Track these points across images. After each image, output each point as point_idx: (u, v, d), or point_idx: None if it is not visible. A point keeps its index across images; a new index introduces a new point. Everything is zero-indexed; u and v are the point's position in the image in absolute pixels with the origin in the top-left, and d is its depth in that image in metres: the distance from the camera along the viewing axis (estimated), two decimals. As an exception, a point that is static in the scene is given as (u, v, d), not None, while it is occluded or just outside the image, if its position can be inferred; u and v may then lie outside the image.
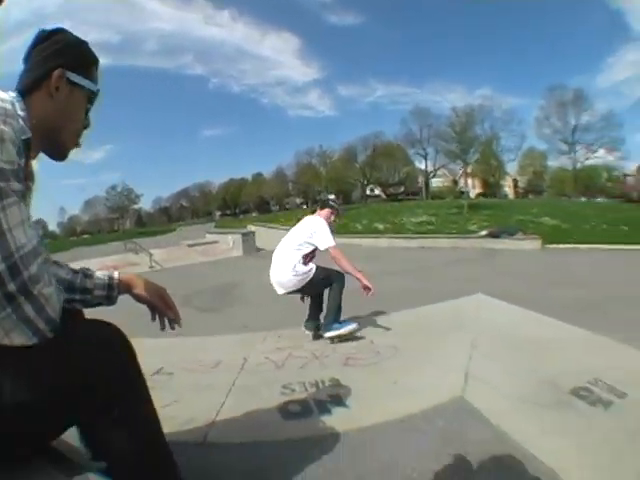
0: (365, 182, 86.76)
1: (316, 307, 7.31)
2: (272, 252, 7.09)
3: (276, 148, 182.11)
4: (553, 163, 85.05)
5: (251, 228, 32.75)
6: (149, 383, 2.09)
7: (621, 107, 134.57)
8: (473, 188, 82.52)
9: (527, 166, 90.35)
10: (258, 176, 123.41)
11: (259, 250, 26.13)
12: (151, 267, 22.22)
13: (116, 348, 1.89)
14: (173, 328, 2.36)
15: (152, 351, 5.66)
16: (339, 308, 6.88)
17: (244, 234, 26.90)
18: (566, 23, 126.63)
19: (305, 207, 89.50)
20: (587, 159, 76.76)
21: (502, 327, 7.04)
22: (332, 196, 15.88)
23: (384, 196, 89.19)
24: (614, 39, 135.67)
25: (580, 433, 3.73)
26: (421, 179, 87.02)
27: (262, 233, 30.32)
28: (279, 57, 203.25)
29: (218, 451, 3.36)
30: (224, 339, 7.22)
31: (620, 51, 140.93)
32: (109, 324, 1.94)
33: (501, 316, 7.79)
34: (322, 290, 7.03)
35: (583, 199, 68.81)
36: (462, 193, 58.56)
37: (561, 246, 23.12)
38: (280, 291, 6.94)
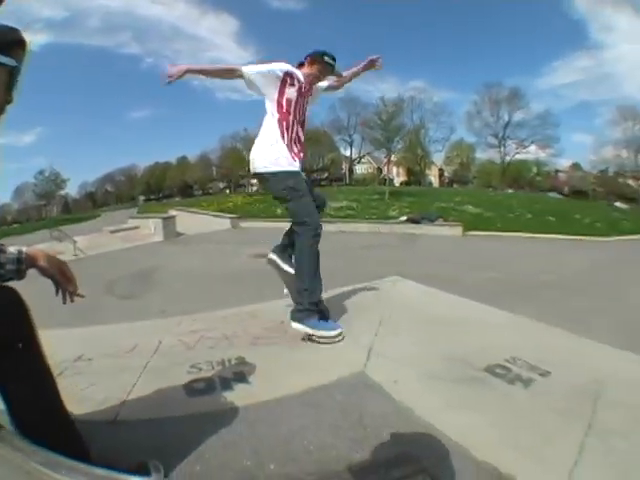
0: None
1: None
2: (192, 237, 6.97)
3: (203, 131, 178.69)
4: (481, 155, 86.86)
5: (172, 213, 32.25)
6: (71, 370, 2.27)
7: (561, 108, 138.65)
8: (398, 176, 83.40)
9: (454, 157, 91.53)
10: (183, 160, 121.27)
11: (179, 235, 25.80)
12: (75, 255, 21.59)
13: (9, 304, 2.10)
14: (72, 300, 2.41)
15: (75, 339, 5.92)
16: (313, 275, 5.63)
17: (165, 219, 26.37)
18: (514, 25, 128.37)
19: (228, 192, 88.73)
20: (517, 153, 78.61)
21: (415, 307, 7.15)
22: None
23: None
24: (566, 45, 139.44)
25: (494, 410, 3.82)
26: (345, 165, 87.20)
27: (183, 218, 29.88)
28: (215, 39, 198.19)
29: (127, 429, 3.40)
30: (142, 325, 7.11)
31: (570, 57, 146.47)
32: (6, 286, 2.13)
33: (416, 297, 7.88)
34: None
35: (510, 191, 70.28)
36: (386, 180, 58.94)
37: (482, 233, 23.69)
38: None
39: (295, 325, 5.50)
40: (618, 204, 60.89)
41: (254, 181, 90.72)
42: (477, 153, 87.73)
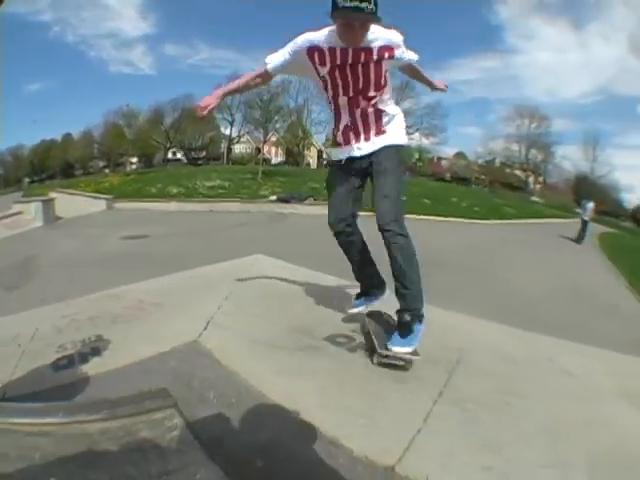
0: (168, 145, 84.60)
1: None
2: (70, 220, 6.72)
3: (93, 106, 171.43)
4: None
5: (52, 195, 30.84)
6: None
7: (456, 102, 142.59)
8: (276, 156, 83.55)
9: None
10: (67, 137, 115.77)
11: (59, 219, 24.74)
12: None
13: None
14: None
15: None
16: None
17: (44, 202, 25.17)
18: (427, 20, 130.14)
19: (107, 171, 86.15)
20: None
21: (270, 282, 7.27)
22: None
23: (185, 160, 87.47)
24: (475, 46, 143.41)
25: (326, 376, 3.92)
26: (224, 144, 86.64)
27: (63, 200, 28.72)
28: (122, 8, 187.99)
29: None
30: (23, 315, 7.02)
31: (474, 57, 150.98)
32: None
33: (273, 273, 7.92)
34: None
35: (391, 175, 71.85)
36: (264, 161, 58.94)
37: (355, 212, 23.34)
38: None
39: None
40: (535, 198, 63.94)
41: (133, 160, 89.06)
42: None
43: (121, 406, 2.93)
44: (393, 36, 3.87)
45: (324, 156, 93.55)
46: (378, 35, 3.75)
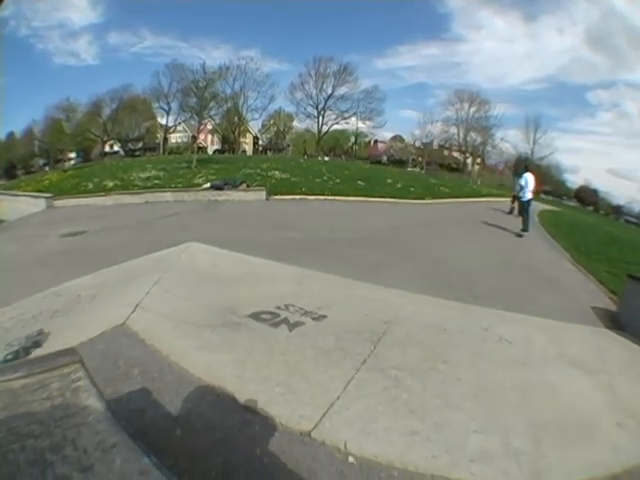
0: (105, 138, 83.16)
1: None
2: (14, 222, 6.71)
3: (38, 102, 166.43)
4: (299, 125, 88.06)
5: None
6: None
7: (395, 87, 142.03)
8: (212, 144, 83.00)
9: (271, 125, 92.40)
10: (10, 136, 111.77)
11: (1, 222, 24.03)
12: None
13: None
14: None
15: None
16: None
17: None
18: (370, 7, 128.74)
19: (47, 168, 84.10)
20: (336, 124, 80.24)
21: (200, 268, 7.46)
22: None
23: (123, 153, 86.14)
24: (419, 34, 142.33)
25: (246, 350, 3.98)
26: (161, 134, 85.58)
27: (6, 202, 28.03)
28: None
29: None
30: None
31: (418, 44, 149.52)
32: None
33: (204, 259, 8.16)
34: None
35: (326, 158, 71.83)
36: (200, 149, 58.32)
37: (287, 197, 23.47)
38: None
39: None
40: (477, 182, 64.87)
41: (72, 155, 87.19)
42: (295, 122, 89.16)
43: (37, 364, 2.98)
44: None
45: (260, 142, 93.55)
46: None
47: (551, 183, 70.07)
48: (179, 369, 3.66)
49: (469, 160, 78.63)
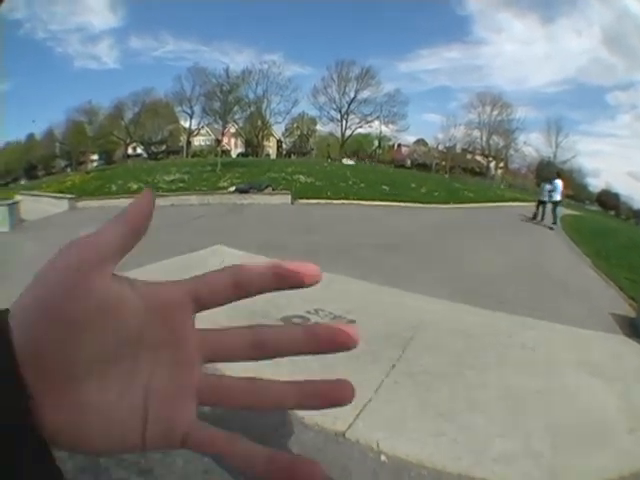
0: (128, 140, 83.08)
1: None
2: (37, 223, 6.73)
3: (58, 105, 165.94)
4: (323, 128, 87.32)
5: (18, 198, 30.16)
6: None
7: (417, 90, 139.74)
8: (236, 147, 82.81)
9: (294, 129, 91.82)
10: (30, 137, 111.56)
11: (23, 222, 24.14)
12: None
13: None
14: None
15: None
16: None
17: (9, 206, 24.53)
18: (390, 10, 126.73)
19: (69, 170, 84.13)
20: (359, 127, 79.71)
21: None
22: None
23: (146, 155, 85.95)
24: (440, 37, 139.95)
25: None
26: (184, 137, 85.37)
27: (28, 203, 28.04)
28: (93, 1, 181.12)
29: None
30: None
31: (441, 47, 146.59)
32: None
33: (231, 262, 7.70)
34: None
35: (349, 162, 71.27)
36: (224, 152, 58.33)
37: (312, 201, 23.40)
38: None
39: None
40: (501, 186, 64.30)
41: (94, 157, 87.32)
42: (318, 126, 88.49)
43: None
44: None
45: (284, 146, 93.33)
46: None
47: (573, 187, 68.98)
48: (215, 370, 3.59)
49: (492, 164, 77.96)
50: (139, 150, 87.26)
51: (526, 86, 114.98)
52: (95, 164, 77.25)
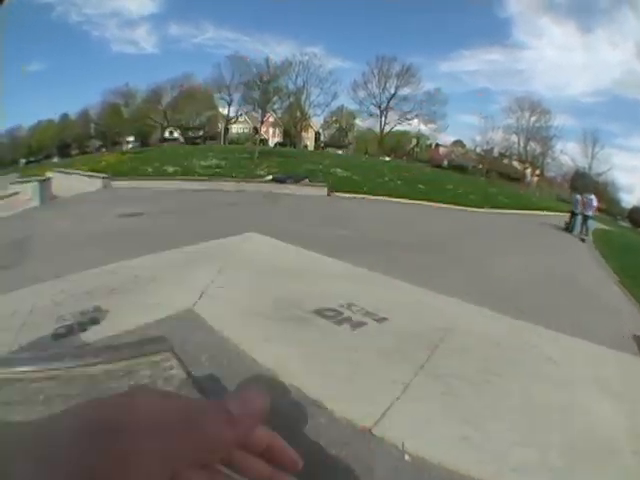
0: (165, 124, 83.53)
1: None
2: (67, 199, 6.87)
3: (94, 87, 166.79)
4: (361, 123, 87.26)
5: (49, 175, 30.46)
6: None
7: (457, 91, 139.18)
8: (273, 137, 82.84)
9: (333, 122, 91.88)
10: (64, 117, 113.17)
11: (56, 198, 24.39)
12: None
13: None
14: None
15: None
16: None
17: (41, 182, 24.74)
18: (435, 9, 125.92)
19: (104, 150, 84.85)
20: (398, 124, 79.51)
21: (262, 259, 7.59)
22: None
23: (182, 140, 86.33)
24: (482, 39, 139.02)
25: (312, 345, 4.15)
26: (221, 124, 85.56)
27: (60, 180, 28.32)
28: None
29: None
30: (19, 292, 6.93)
31: (481, 49, 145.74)
32: None
33: (265, 250, 8.34)
34: None
35: (388, 159, 71.11)
36: (261, 141, 58.42)
37: (347, 195, 23.42)
38: None
39: None
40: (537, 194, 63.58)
41: (130, 139, 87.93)
42: (357, 120, 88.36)
43: (122, 350, 3.10)
44: None
45: (322, 138, 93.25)
46: None
47: (606, 201, 68.20)
48: (249, 359, 3.78)
49: (528, 171, 77.34)
50: (176, 134, 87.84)
51: (564, 93, 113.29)
52: (130, 146, 78.05)
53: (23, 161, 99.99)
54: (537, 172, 78.18)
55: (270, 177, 25.86)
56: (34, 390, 2.54)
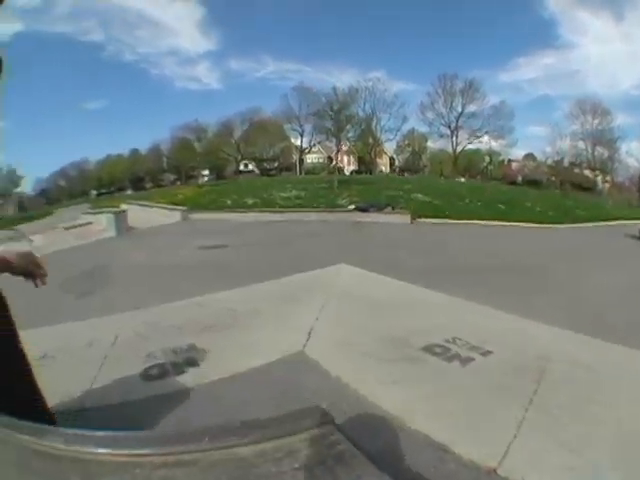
0: (239, 157, 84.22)
1: None
2: (144, 231, 6.90)
3: (158, 122, 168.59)
4: (433, 145, 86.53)
5: (124, 207, 31.29)
6: (36, 369, 2.26)
7: (520, 101, 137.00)
8: (348, 165, 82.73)
9: (406, 146, 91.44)
10: (134, 152, 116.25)
11: (131, 229, 25.08)
12: (31, 254, 20.87)
13: None
14: (45, 283, 2.48)
15: (36, 340, 5.46)
16: None
17: (116, 214, 25.48)
18: (482, 20, 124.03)
19: (179, 183, 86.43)
20: (469, 143, 78.57)
21: (358, 292, 7.61)
22: None
23: (257, 171, 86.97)
24: (533, 43, 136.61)
25: (429, 385, 4.18)
26: (296, 155, 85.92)
27: (135, 211, 28.87)
28: (178, 25, 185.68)
29: (93, 415, 3.71)
30: (99, 321, 7.09)
31: (536, 54, 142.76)
32: None
33: (359, 283, 8.38)
34: None
35: (462, 180, 70.27)
36: (338, 169, 58.56)
37: (431, 220, 23.69)
38: None
39: None
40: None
41: (205, 172, 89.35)
42: (429, 142, 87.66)
43: (273, 427, 2.99)
44: None
45: (396, 163, 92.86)
46: None
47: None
48: (369, 404, 3.80)
49: (599, 178, 75.25)
50: (251, 166, 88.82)
51: (617, 89, 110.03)
52: (206, 179, 79.33)
53: (94, 192, 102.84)
54: (607, 178, 75.99)
55: (352, 206, 26.04)
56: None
